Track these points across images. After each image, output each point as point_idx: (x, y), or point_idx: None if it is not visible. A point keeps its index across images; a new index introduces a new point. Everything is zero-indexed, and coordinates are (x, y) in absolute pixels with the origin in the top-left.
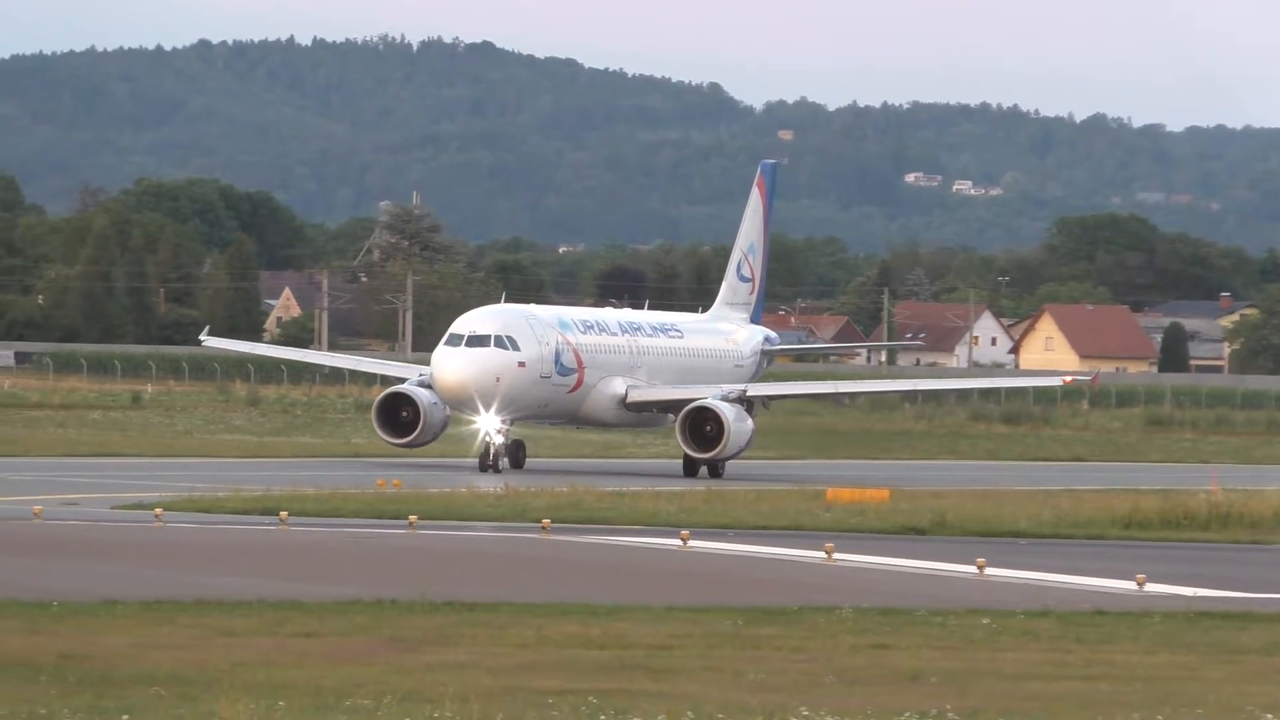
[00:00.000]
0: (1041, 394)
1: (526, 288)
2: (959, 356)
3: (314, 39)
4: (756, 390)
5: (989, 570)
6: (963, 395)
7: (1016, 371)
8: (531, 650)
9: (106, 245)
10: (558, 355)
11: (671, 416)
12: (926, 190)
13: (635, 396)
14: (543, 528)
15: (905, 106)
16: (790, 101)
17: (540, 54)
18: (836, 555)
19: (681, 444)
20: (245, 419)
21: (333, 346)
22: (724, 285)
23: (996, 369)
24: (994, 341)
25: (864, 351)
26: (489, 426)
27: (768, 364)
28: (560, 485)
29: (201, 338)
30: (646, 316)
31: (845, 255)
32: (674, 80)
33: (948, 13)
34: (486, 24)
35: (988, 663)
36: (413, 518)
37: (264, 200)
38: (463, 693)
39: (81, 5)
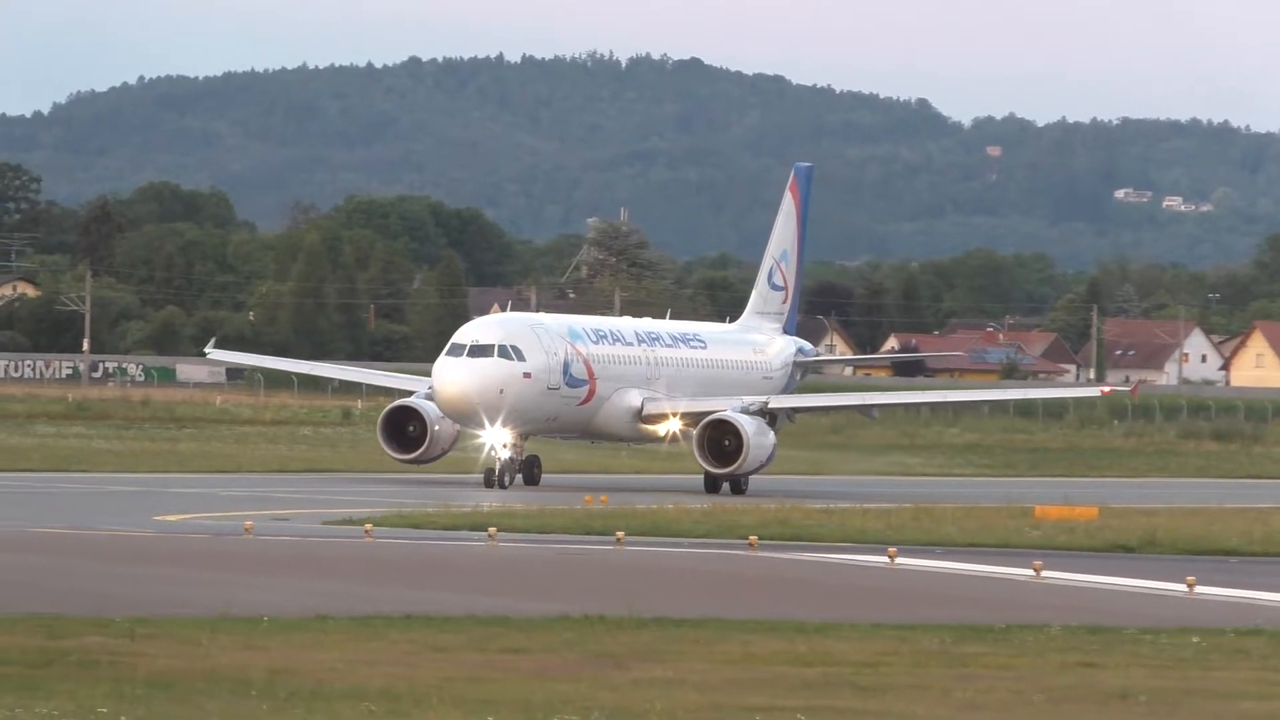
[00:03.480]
0: (1253, 411)
1: (734, 304)
2: (1168, 374)
3: (523, 56)
4: (779, 402)
5: (1199, 588)
6: (1171, 413)
7: (1051, 383)
8: (739, 667)
9: (317, 262)
10: (567, 366)
11: (691, 430)
12: (1136, 206)
13: (651, 409)
14: (750, 544)
15: (1115, 122)
16: (998, 117)
17: (748, 70)
18: (1045, 573)
19: (699, 459)
20: None
21: None
22: (754, 294)
23: (1206, 385)
24: (1204, 359)
25: (1073, 368)
26: (495, 441)
27: (802, 376)
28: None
29: (206, 350)
30: (666, 326)
31: (1054, 272)
32: (882, 96)
33: (1158, 28)
34: (695, 41)
35: (1198, 681)
36: (620, 533)
37: (473, 217)
38: (670, 709)
39: (294, 23)
